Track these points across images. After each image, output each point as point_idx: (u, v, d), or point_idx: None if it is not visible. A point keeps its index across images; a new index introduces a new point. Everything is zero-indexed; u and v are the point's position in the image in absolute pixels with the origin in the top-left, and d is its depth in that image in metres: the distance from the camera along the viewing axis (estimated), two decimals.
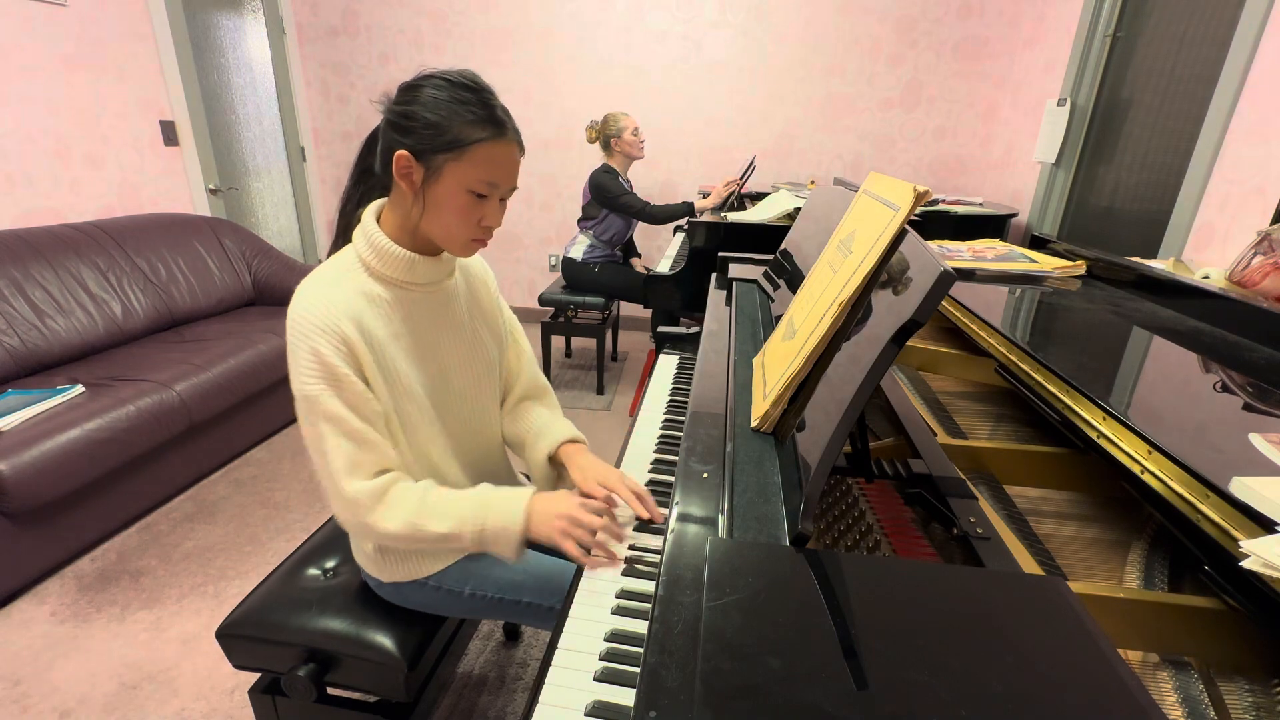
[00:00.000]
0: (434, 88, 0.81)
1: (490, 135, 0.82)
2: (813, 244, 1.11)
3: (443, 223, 0.85)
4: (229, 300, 2.79)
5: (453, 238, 0.87)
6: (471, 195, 0.83)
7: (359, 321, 0.84)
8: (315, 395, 0.81)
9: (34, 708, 1.37)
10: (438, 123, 0.80)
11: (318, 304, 0.81)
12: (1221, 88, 1.84)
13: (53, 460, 1.64)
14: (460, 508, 0.88)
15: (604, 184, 2.82)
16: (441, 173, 0.82)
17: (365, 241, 0.87)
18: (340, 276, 0.86)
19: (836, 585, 0.50)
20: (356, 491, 0.84)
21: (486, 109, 0.82)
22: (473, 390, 1.02)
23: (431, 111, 0.80)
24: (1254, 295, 1.18)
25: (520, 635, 1.58)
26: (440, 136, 0.80)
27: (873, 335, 0.59)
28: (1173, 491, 0.55)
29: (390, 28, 3.59)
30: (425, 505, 0.87)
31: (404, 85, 0.84)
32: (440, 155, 0.81)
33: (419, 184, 0.83)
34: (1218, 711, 0.50)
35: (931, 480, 0.69)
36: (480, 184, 0.83)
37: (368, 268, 0.88)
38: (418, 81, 0.83)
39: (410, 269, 0.89)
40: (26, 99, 2.29)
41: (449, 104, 0.80)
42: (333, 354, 0.81)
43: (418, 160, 0.81)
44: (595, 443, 2.58)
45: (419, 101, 0.80)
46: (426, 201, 0.83)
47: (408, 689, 0.98)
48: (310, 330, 0.80)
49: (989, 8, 3.17)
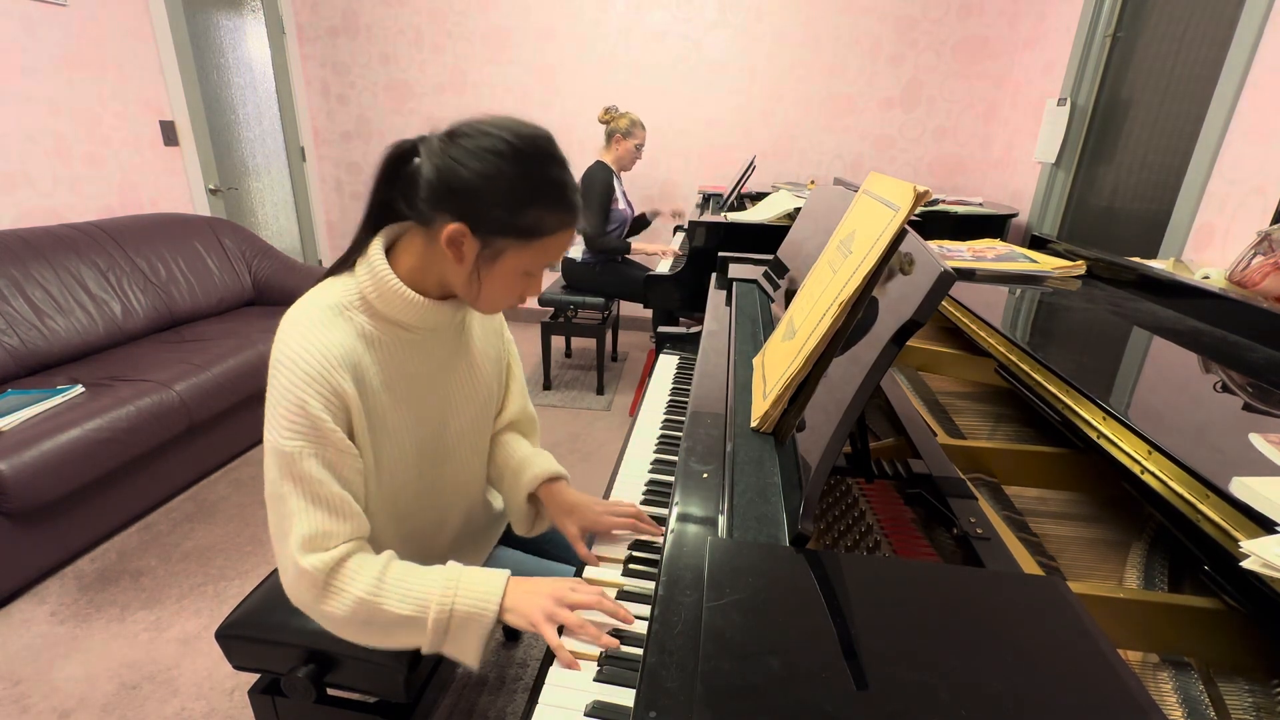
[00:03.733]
0: (509, 160, 0.69)
1: (565, 226, 0.74)
2: (813, 244, 1.11)
3: (487, 296, 0.77)
4: (229, 300, 2.79)
5: (493, 306, 0.79)
6: (526, 276, 0.77)
7: (355, 369, 0.74)
8: (292, 452, 0.71)
9: (34, 708, 1.37)
10: (513, 208, 0.70)
11: (311, 350, 0.71)
12: (1221, 88, 1.84)
13: (53, 460, 1.64)
14: (426, 585, 0.74)
15: (595, 182, 2.82)
16: (503, 255, 0.73)
17: (371, 279, 0.76)
18: (336, 315, 0.75)
19: (836, 585, 0.50)
20: (313, 564, 0.72)
21: (565, 195, 0.73)
22: (470, 430, 0.93)
23: (506, 192, 0.69)
24: (1254, 295, 1.18)
25: (520, 635, 1.58)
26: (511, 222, 0.71)
27: (873, 335, 0.59)
28: (1173, 491, 0.55)
29: (390, 28, 3.59)
30: (385, 581, 0.74)
31: (462, 137, 0.70)
32: (504, 240, 0.72)
33: (472, 260, 0.73)
34: (1218, 711, 0.50)
35: (931, 480, 0.69)
36: (538, 267, 0.77)
37: (368, 307, 0.77)
38: (482, 144, 0.69)
39: (421, 315, 0.78)
40: (26, 99, 2.29)
41: (526, 185, 0.70)
42: (321, 409, 0.71)
43: (475, 235, 0.71)
44: (595, 442, 2.60)
45: (491, 174, 0.69)
46: (481, 280, 0.75)
47: (407, 689, 0.98)
48: (300, 380, 0.70)
49: (989, 8, 3.17)
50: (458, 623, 0.74)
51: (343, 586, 0.73)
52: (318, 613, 0.76)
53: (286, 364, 0.71)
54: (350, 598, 0.73)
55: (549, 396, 3.04)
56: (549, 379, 3.15)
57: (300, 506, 0.73)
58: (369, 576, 0.74)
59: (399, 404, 0.81)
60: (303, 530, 0.72)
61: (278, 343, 0.73)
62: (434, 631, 0.74)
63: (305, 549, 0.73)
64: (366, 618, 0.74)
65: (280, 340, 0.73)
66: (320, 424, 0.71)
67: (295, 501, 0.73)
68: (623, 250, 2.93)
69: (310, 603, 0.75)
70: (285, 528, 0.74)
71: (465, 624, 0.74)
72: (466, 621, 0.74)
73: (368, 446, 0.78)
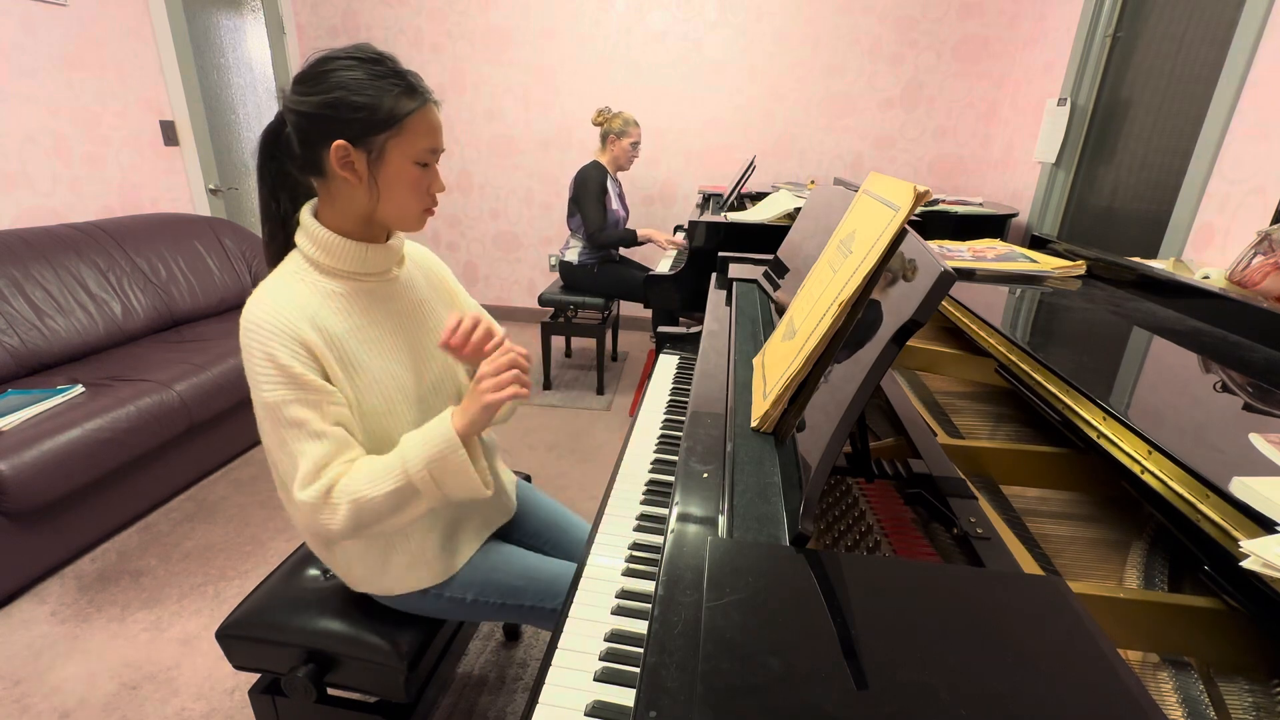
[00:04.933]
0: (345, 69, 0.78)
1: (420, 103, 0.81)
2: (813, 244, 1.11)
3: (397, 201, 0.84)
4: (229, 300, 2.79)
5: (408, 213, 0.86)
6: (418, 167, 0.83)
7: (315, 320, 0.81)
8: (276, 402, 0.78)
9: (34, 708, 1.37)
10: (368, 104, 0.78)
11: (270, 309, 0.79)
12: (1221, 88, 1.83)
13: (53, 460, 1.64)
14: (389, 458, 0.83)
15: (588, 180, 2.82)
16: (385, 152, 0.80)
17: (310, 241, 0.85)
18: (290, 280, 0.84)
19: (836, 585, 0.50)
20: (308, 495, 0.79)
21: (405, 79, 0.81)
22: (445, 377, 0.98)
23: (357, 94, 0.77)
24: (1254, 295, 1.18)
25: (520, 635, 1.58)
26: (375, 116, 0.78)
27: (873, 335, 0.59)
28: (1173, 491, 0.55)
29: (390, 28, 3.59)
30: (360, 475, 0.81)
31: (306, 75, 0.80)
32: (380, 135, 0.79)
33: (364, 170, 0.80)
34: (1218, 711, 0.50)
35: (931, 480, 0.69)
36: (424, 153, 0.83)
37: (318, 266, 0.85)
38: (322, 68, 0.79)
39: (363, 259, 0.87)
40: (26, 99, 2.29)
41: (370, 82, 0.78)
42: (290, 357, 0.78)
43: (356, 146, 0.79)
44: (595, 442, 2.60)
45: (340, 87, 0.77)
46: (380, 185, 0.82)
47: (408, 689, 0.98)
48: (263, 335, 0.78)
49: (989, 8, 3.17)
50: (438, 466, 0.81)
51: (336, 502, 0.80)
52: (329, 534, 0.82)
53: (251, 327, 0.79)
54: (344, 507, 0.80)
55: (549, 396, 3.04)
56: (549, 379, 3.15)
57: (296, 449, 0.79)
58: (347, 481, 0.80)
59: (370, 351, 0.87)
60: (305, 467, 0.79)
61: (244, 314, 0.80)
62: (423, 485, 0.81)
63: (303, 485, 0.79)
64: (368, 514, 0.81)
65: (245, 311, 0.80)
66: (291, 371, 0.78)
67: (291, 446, 0.79)
68: (626, 240, 2.90)
69: (320, 529, 0.81)
70: (287, 475, 0.81)
71: (445, 460, 0.81)
72: (445, 458, 0.81)
73: (347, 387, 0.84)
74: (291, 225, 0.88)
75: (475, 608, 1.01)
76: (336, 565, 0.99)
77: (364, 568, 0.97)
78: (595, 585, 0.79)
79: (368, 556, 0.96)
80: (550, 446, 2.58)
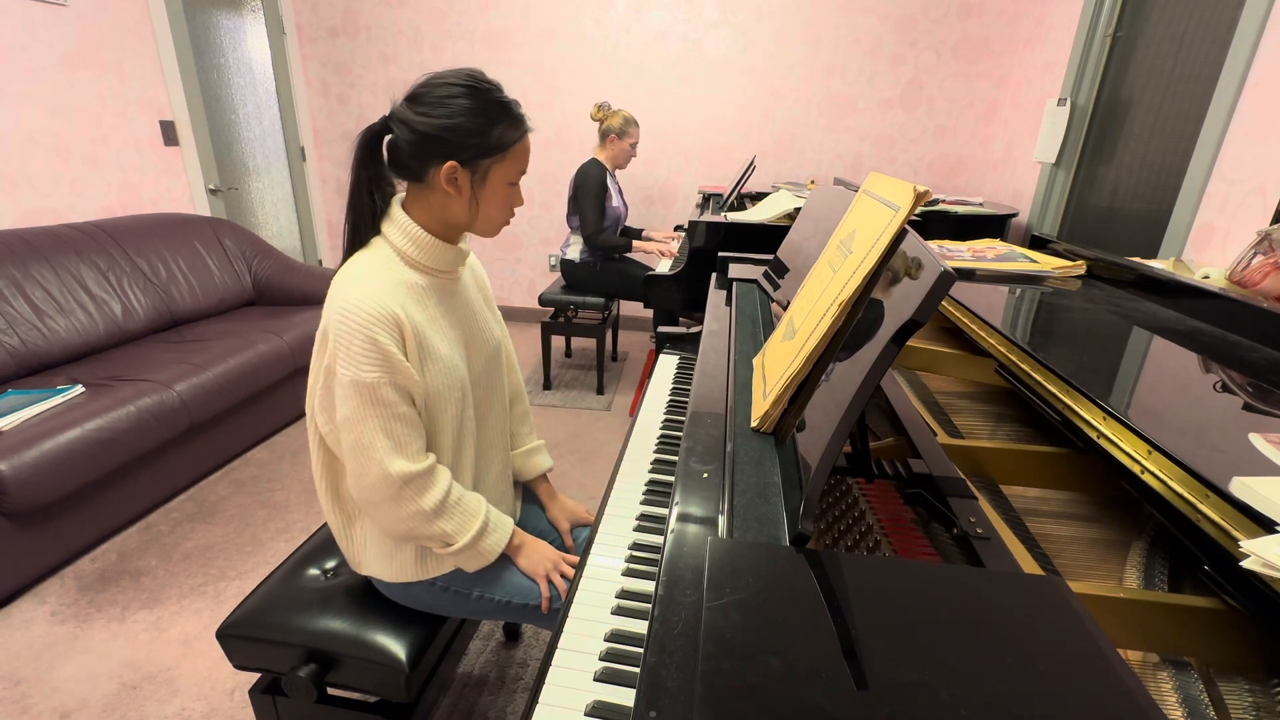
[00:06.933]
0: (463, 98, 0.86)
1: (522, 134, 0.92)
2: (813, 244, 1.11)
3: (487, 214, 0.95)
4: (229, 300, 2.79)
5: (493, 224, 0.97)
6: (510, 186, 0.94)
7: (403, 305, 0.88)
8: (373, 382, 0.85)
9: (34, 708, 1.37)
10: (482, 133, 0.88)
11: (369, 294, 0.85)
12: (1221, 88, 1.83)
13: (53, 460, 1.64)
14: (469, 512, 0.96)
15: (588, 179, 2.82)
16: (488, 174, 0.91)
17: (402, 234, 0.92)
18: (380, 268, 0.90)
19: (836, 585, 0.50)
20: (402, 469, 0.88)
21: (512, 112, 0.91)
22: (487, 372, 1.07)
23: (472, 123, 0.87)
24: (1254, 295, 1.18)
25: (520, 635, 1.59)
26: (485, 143, 0.88)
27: (873, 335, 0.59)
28: (1173, 491, 0.55)
29: (390, 28, 3.59)
30: (450, 497, 0.94)
31: (423, 96, 0.87)
32: (486, 160, 0.90)
33: (467, 187, 0.90)
34: (1218, 711, 0.50)
35: (931, 480, 0.69)
36: (516, 175, 0.94)
37: (405, 258, 0.93)
38: (440, 93, 0.87)
39: (444, 257, 0.96)
40: (26, 99, 2.29)
41: (484, 113, 0.87)
42: (389, 341, 0.85)
43: (464, 167, 0.89)
44: (595, 442, 2.60)
45: (458, 114, 0.86)
46: (479, 200, 0.92)
47: (408, 689, 0.98)
48: (367, 320, 0.84)
49: (989, 8, 3.17)
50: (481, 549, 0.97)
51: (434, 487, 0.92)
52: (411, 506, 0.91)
53: (351, 309, 0.84)
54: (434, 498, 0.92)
55: (549, 396, 3.04)
56: (549, 379, 3.15)
57: (385, 426, 0.88)
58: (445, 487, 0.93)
59: (441, 341, 0.95)
60: (387, 443, 0.88)
61: (334, 299, 0.86)
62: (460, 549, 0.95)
63: (393, 455, 0.88)
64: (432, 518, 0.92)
65: (336, 297, 0.86)
66: (390, 355, 0.85)
67: (377, 422, 0.87)
68: (623, 248, 2.92)
69: (395, 504, 0.90)
70: (369, 446, 0.88)
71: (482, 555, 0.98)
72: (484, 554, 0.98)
73: (421, 375, 0.92)
74: (379, 217, 0.95)
75: (479, 604, 1.02)
76: (353, 543, 1.03)
77: (377, 549, 1.00)
78: (595, 585, 0.79)
79: (384, 540, 1.00)
80: (550, 446, 2.58)
